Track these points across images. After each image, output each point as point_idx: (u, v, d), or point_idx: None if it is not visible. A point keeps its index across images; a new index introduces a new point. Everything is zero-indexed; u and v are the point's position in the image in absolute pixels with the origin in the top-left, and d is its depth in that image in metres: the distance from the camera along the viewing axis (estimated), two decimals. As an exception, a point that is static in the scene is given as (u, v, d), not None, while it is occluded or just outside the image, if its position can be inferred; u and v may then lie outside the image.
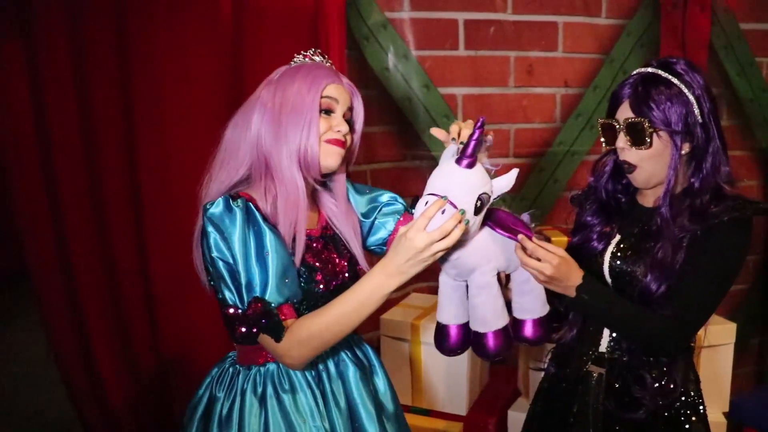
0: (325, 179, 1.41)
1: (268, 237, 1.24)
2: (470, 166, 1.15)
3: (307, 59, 1.39)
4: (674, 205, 1.37)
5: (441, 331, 1.32)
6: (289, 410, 1.32)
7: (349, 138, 1.36)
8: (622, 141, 1.37)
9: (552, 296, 1.36)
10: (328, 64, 1.40)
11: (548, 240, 1.32)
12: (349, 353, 1.43)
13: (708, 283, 1.34)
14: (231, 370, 1.39)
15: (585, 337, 1.50)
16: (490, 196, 1.19)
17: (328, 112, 1.33)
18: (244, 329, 1.22)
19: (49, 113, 2.10)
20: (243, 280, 1.23)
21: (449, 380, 2.29)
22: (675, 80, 1.33)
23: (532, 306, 1.32)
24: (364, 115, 1.42)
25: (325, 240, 1.40)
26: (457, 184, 1.15)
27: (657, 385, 1.39)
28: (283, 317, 1.23)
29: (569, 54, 2.56)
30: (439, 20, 2.43)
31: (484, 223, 1.24)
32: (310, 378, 1.36)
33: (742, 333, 2.49)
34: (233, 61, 2.16)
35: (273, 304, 1.22)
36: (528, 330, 1.32)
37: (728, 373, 2.31)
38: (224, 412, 1.34)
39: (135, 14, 2.09)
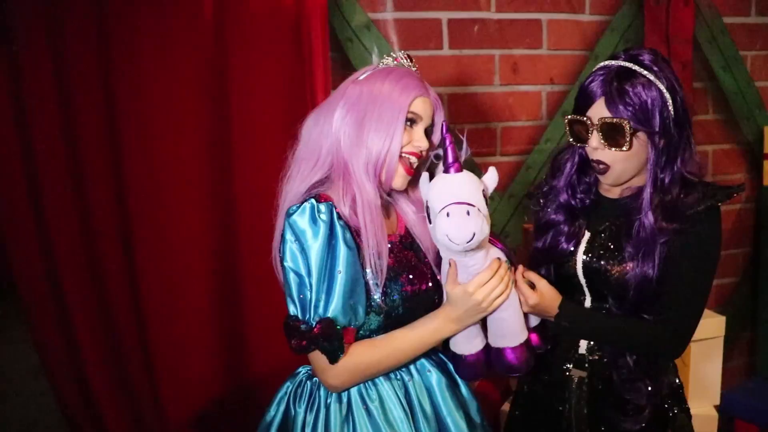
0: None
1: (342, 254, 1.23)
2: (459, 170, 1.18)
3: (396, 62, 1.38)
4: (637, 204, 1.34)
5: (462, 361, 1.34)
6: (379, 422, 1.28)
7: (425, 153, 1.35)
8: (596, 141, 1.30)
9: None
10: (414, 69, 1.38)
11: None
12: (432, 359, 1.40)
13: (695, 282, 1.32)
14: (309, 383, 1.36)
15: (563, 339, 1.46)
16: (488, 192, 1.23)
17: (411, 124, 1.32)
18: (304, 343, 1.22)
19: (31, 119, 2.08)
20: (312, 297, 1.22)
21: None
22: (649, 75, 1.28)
23: (510, 332, 1.31)
24: None
25: (405, 246, 1.37)
26: (461, 187, 1.17)
27: (650, 388, 1.38)
28: (348, 338, 1.24)
29: (554, 51, 2.56)
30: (423, 20, 2.42)
31: None
32: (396, 388, 1.32)
33: (732, 326, 2.51)
34: (215, 61, 2.15)
35: (339, 326, 1.22)
36: (509, 356, 1.30)
37: (718, 367, 2.32)
38: (308, 428, 1.30)
39: (116, 15, 2.07)
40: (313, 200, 1.24)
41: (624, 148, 1.28)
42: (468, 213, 1.12)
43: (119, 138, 2.14)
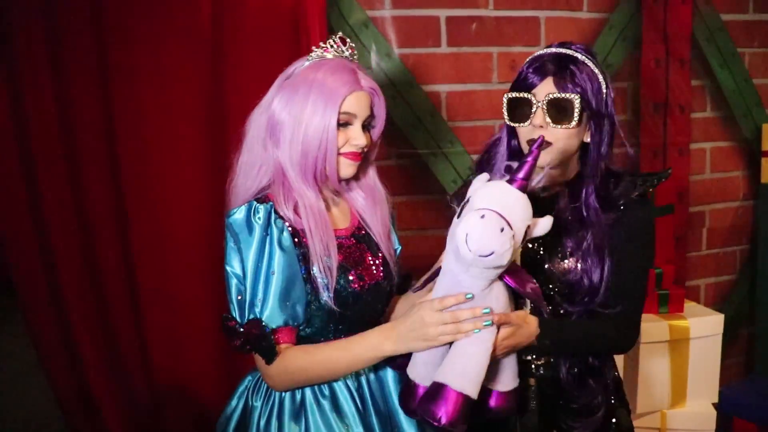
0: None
1: (277, 257, 1.23)
2: (523, 189, 1.07)
3: (327, 53, 1.33)
4: (577, 193, 1.33)
5: (409, 390, 1.17)
6: (330, 417, 1.30)
7: (367, 145, 1.34)
8: (540, 118, 1.29)
9: None
10: (347, 53, 1.34)
11: None
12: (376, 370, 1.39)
13: (638, 270, 1.35)
14: None
15: None
16: (531, 232, 1.09)
17: (345, 124, 1.30)
18: (238, 343, 1.23)
19: (28, 117, 2.08)
20: (247, 297, 1.23)
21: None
22: (590, 63, 1.31)
23: (504, 376, 1.20)
24: None
25: (357, 239, 1.37)
26: (514, 204, 1.05)
27: (597, 384, 1.36)
28: (277, 341, 1.23)
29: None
30: (421, 18, 2.42)
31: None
32: (350, 383, 1.33)
33: (731, 324, 2.51)
34: (213, 60, 2.15)
35: (268, 328, 1.22)
36: (494, 401, 1.19)
37: (717, 364, 2.32)
38: (262, 422, 1.32)
39: (113, 14, 2.06)
40: (254, 202, 1.26)
41: (571, 124, 1.27)
42: (502, 230, 1.02)
43: (116, 135, 2.15)
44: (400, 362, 1.23)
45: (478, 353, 1.09)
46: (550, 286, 1.34)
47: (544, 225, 1.11)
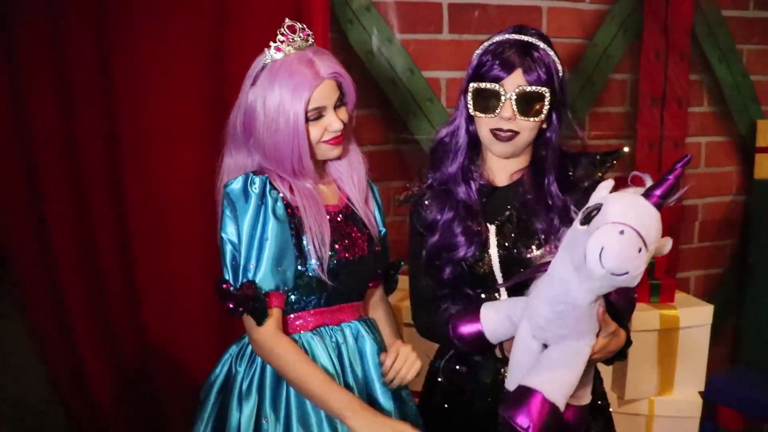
0: None
1: (271, 225, 1.29)
2: (659, 206, 0.99)
3: (278, 53, 1.32)
4: (539, 181, 1.33)
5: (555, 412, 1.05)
6: None
7: (345, 117, 1.38)
8: (508, 110, 1.26)
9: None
10: (299, 42, 1.33)
11: None
12: (366, 325, 1.46)
13: None
14: (250, 347, 1.41)
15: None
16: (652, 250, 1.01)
17: (318, 117, 1.34)
18: (231, 305, 1.29)
19: (29, 107, 2.07)
20: (241, 262, 1.30)
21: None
22: (548, 48, 1.30)
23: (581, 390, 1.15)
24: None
25: (345, 216, 1.43)
26: (653, 224, 0.97)
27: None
28: (269, 304, 1.30)
29: (553, 38, 2.51)
30: (424, 4, 2.42)
31: None
32: (330, 349, 1.38)
33: (719, 315, 2.55)
34: (216, 45, 2.14)
35: (263, 290, 1.28)
36: (569, 415, 1.12)
37: (705, 354, 2.36)
38: (245, 386, 1.37)
39: (116, 9, 2.06)
40: (250, 173, 1.33)
41: (540, 117, 1.27)
42: (640, 250, 0.94)
43: (118, 125, 2.13)
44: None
45: (574, 365, 1.06)
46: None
47: (666, 246, 1.04)
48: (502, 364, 1.34)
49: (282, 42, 1.33)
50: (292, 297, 1.37)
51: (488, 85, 1.27)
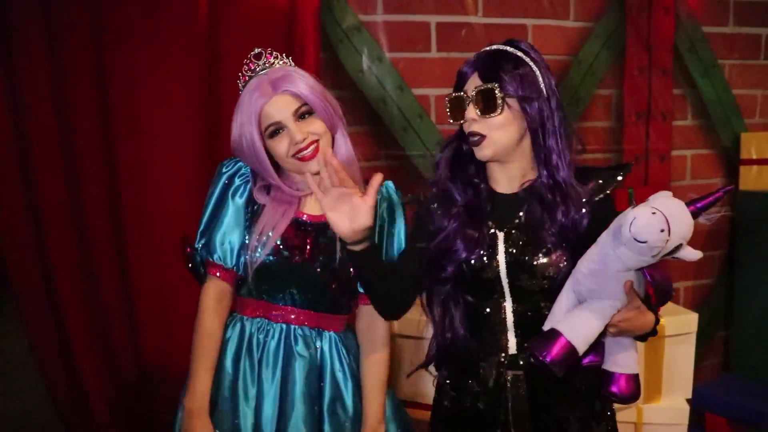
0: None
1: (228, 205, 1.48)
2: (694, 215, 1.19)
3: (243, 82, 1.48)
4: (542, 188, 1.36)
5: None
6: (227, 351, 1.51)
7: (316, 129, 1.42)
8: (471, 112, 1.32)
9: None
10: (260, 68, 1.44)
11: None
12: (307, 344, 1.50)
13: None
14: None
15: (487, 344, 1.40)
16: (679, 249, 1.19)
17: (277, 132, 1.42)
18: (185, 261, 1.53)
19: (26, 115, 2.10)
20: (201, 227, 1.50)
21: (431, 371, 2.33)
22: (521, 55, 1.35)
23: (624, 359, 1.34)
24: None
25: (317, 229, 1.49)
26: (682, 220, 1.16)
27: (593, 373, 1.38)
28: (209, 270, 1.49)
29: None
30: (412, 23, 2.49)
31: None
32: (255, 339, 1.50)
33: (708, 326, 2.59)
34: (209, 63, 2.19)
35: (199, 257, 1.49)
36: (619, 383, 1.33)
37: (691, 361, 2.39)
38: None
39: (111, 17, 2.11)
40: (228, 159, 1.53)
41: (496, 113, 1.31)
42: (662, 231, 1.14)
43: (113, 135, 2.17)
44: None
45: (595, 319, 1.26)
46: (533, 282, 1.35)
47: (691, 255, 1.21)
48: (506, 369, 1.39)
49: (246, 71, 1.47)
50: (247, 283, 1.49)
51: (454, 93, 1.36)
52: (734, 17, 2.87)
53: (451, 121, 1.38)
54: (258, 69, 1.44)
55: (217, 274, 1.48)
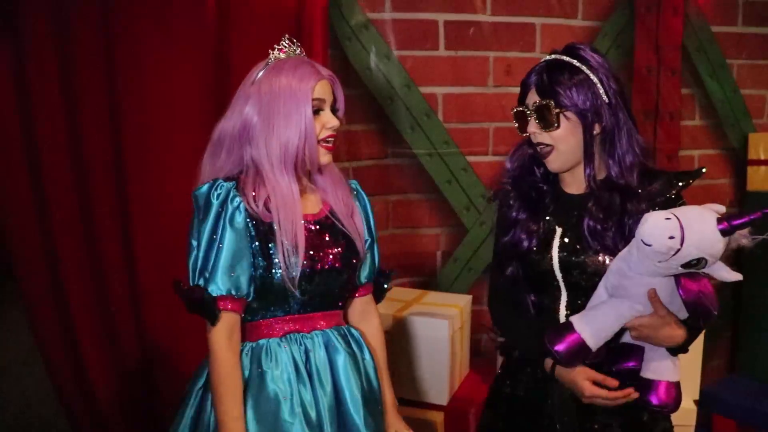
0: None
1: (227, 232, 1.35)
2: (724, 232, 1.14)
3: (282, 53, 1.43)
4: (603, 190, 1.40)
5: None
6: (269, 383, 1.39)
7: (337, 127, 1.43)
8: (533, 126, 1.39)
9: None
10: (298, 51, 1.44)
11: None
12: (340, 341, 1.47)
13: None
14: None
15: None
16: (705, 264, 1.17)
17: (317, 111, 1.40)
18: (186, 304, 1.38)
19: (34, 109, 2.09)
20: (198, 265, 1.36)
21: (431, 371, 2.34)
22: (578, 63, 1.37)
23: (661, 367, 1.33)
24: (346, 113, 1.48)
25: (322, 226, 1.46)
26: (701, 231, 1.13)
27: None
28: (220, 306, 1.35)
29: (546, 54, 2.62)
30: (420, 21, 2.49)
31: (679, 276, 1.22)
32: (297, 357, 1.41)
33: (715, 328, 2.58)
34: (217, 61, 2.19)
35: (211, 295, 1.34)
36: (659, 391, 1.32)
37: (698, 363, 2.39)
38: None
39: (121, 17, 2.10)
40: (219, 179, 1.38)
41: (553, 127, 1.37)
42: (671, 238, 1.12)
43: (121, 128, 2.17)
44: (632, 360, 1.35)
45: (610, 317, 1.27)
46: (585, 277, 1.39)
47: (726, 275, 1.20)
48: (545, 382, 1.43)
49: (285, 47, 1.44)
50: (255, 304, 1.40)
51: (518, 108, 1.43)
52: (743, 17, 2.86)
53: (519, 132, 1.44)
54: (296, 51, 1.44)
55: (229, 306, 1.36)
